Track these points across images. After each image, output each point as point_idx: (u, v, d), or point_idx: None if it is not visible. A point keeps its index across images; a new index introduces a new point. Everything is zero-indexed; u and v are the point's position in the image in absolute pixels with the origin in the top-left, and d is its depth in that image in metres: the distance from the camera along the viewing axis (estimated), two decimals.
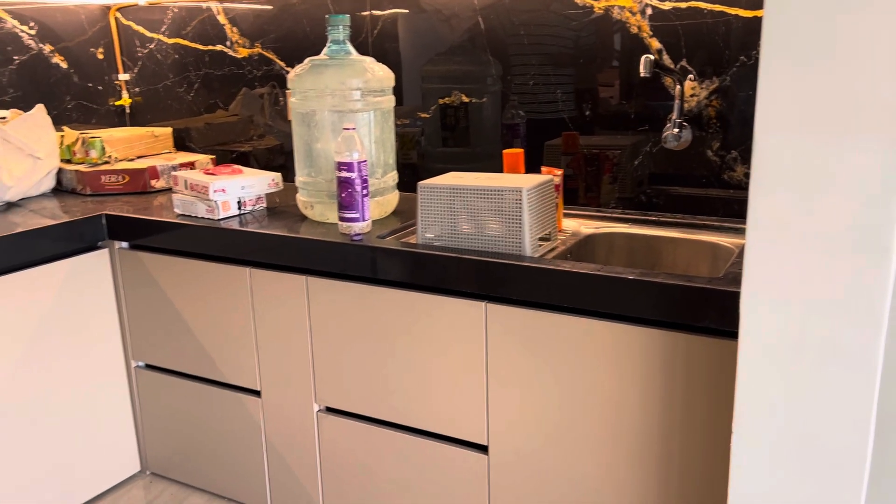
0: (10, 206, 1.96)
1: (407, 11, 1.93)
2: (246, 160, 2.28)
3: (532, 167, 1.83)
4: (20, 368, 1.70)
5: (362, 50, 2.00)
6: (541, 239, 1.49)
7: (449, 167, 1.97)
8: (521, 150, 1.67)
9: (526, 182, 1.46)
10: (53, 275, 1.76)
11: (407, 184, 2.01)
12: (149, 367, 1.94)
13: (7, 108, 2.09)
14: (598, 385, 1.34)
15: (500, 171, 1.83)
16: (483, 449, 1.51)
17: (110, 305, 1.90)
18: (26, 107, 2.17)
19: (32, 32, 2.18)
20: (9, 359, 1.68)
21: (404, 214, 1.77)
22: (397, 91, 1.98)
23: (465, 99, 1.91)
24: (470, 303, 1.43)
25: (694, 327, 1.24)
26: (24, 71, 2.18)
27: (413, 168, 2.02)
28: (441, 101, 1.94)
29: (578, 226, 1.72)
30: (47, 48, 2.23)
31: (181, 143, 2.38)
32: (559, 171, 1.66)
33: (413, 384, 1.54)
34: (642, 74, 1.53)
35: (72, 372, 1.82)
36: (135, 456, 2.01)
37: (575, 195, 1.83)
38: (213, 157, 2.26)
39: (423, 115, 1.98)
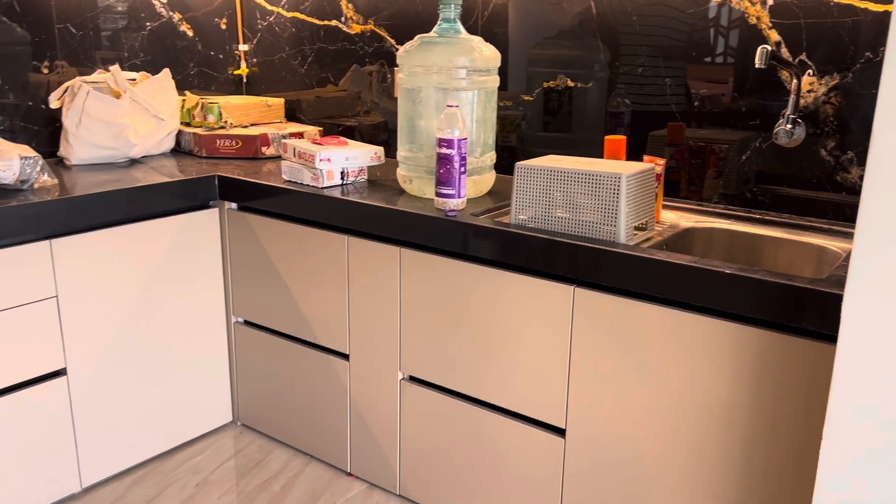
0: (134, 162, 2.10)
1: None
2: (351, 134, 2.35)
3: (634, 157, 1.80)
4: (131, 313, 1.83)
5: (472, 31, 2.02)
6: (637, 228, 1.47)
7: (548, 152, 1.96)
8: (623, 137, 1.65)
9: (625, 169, 1.44)
10: (168, 228, 1.88)
11: (505, 166, 2.02)
12: (247, 323, 2.05)
13: (137, 71, 2.23)
14: (683, 379, 1.32)
15: (601, 158, 1.81)
16: (560, 432, 1.51)
17: (216, 262, 2.01)
18: (154, 70, 2.31)
19: (164, 1, 2.32)
20: (122, 303, 1.81)
21: (499, 195, 1.78)
22: (503, 74, 1.99)
23: (570, 83, 1.90)
24: (558, 286, 1.44)
25: (790, 328, 1.20)
26: (155, 37, 2.32)
27: (512, 151, 2.03)
28: (545, 85, 1.94)
29: (678, 218, 1.68)
30: (176, 16, 2.36)
31: (292, 114, 2.48)
32: (661, 161, 1.63)
33: (495, 361, 1.56)
34: (757, 65, 1.47)
35: (177, 321, 1.94)
36: (228, 407, 2.13)
37: (677, 187, 1.79)
38: (321, 129, 2.34)
39: (526, 98, 1.98)
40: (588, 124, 1.89)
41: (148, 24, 2.29)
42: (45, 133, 2.10)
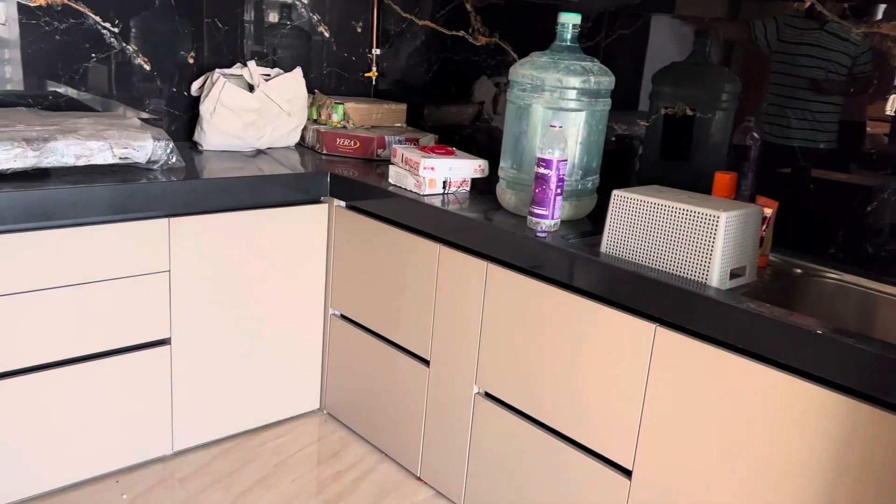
0: (259, 152, 2.23)
1: (651, 14, 1.87)
2: (467, 144, 2.37)
3: (763, 191, 1.69)
4: (236, 294, 1.94)
5: (593, 50, 1.98)
6: (733, 271, 1.39)
7: (662, 179, 1.89)
8: (733, 174, 1.56)
9: (727, 208, 1.36)
10: (279, 218, 1.97)
11: (610, 190, 1.96)
12: (343, 316, 2.12)
13: (273, 67, 2.37)
14: (761, 436, 1.23)
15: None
16: (626, 473, 1.45)
17: (321, 255, 2.09)
18: (288, 67, 2.44)
19: (305, 2, 2.45)
20: (229, 284, 1.92)
21: (601, 220, 1.74)
22: (623, 95, 1.94)
23: (689, 112, 1.82)
24: (640, 322, 1.38)
25: (883, 401, 1.09)
26: (293, 36, 2.45)
27: (624, 174, 1.97)
28: (664, 112, 1.87)
29: (787, 266, 1.57)
30: (316, 17, 2.48)
31: (413, 119, 2.54)
32: (774, 204, 1.53)
33: (569, 390, 1.52)
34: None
35: (278, 307, 2.03)
36: (316, 394, 2.21)
37: (792, 232, 1.66)
38: (437, 136, 2.38)
39: (642, 123, 1.92)
40: (707, 156, 1.80)
41: (288, 23, 2.43)
42: (184, 118, 2.27)
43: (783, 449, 1.20)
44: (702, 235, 1.35)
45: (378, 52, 2.64)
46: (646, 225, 1.43)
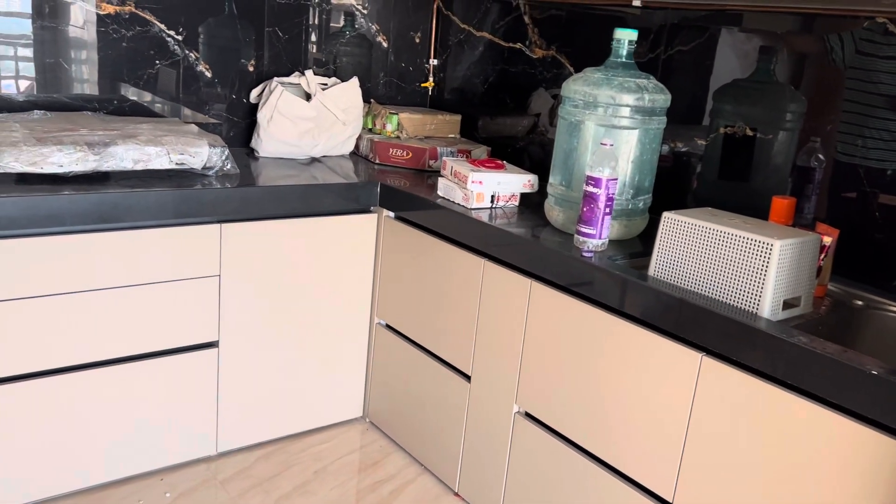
0: (313, 160, 2.25)
1: (716, 28, 1.82)
2: (520, 157, 2.35)
3: (832, 218, 1.62)
4: (284, 300, 1.97)
5: (652, 64, 1.93)
6: (786, 302, 1.33)
7: (719, 200, 1.83)
8: (792, 199, 1.50)
9: (783, 235, 1.30)
10: (329, 227, 1.99)
11: (665, 209, 1.91)
12: (388, 326, 2.12)
13: (331, 76, 2.39)
14: (809, 476, 1.17)
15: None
16: None
17: (369, 264, 2.10)
18: (346, 77, 2.46)
19: (365, 12, 2.47)
20: (277, 290, 1.95)
21: (651, 241, 1.69)
22: (682, 111, 1.88)
23: (750, 132, 1.75)
24: (685, 350, 1.34)
25: None
26: (352, 46, 2.47)
27: (680, 194, 1.92)
28: (722, 131, 1.81)
29: (847, 297, 1.50)
30: (375, 27, 2.50)
31: (466, 131, 2.53)
32: (834, 232, 1.46)
33: (610, 415, 1.48)
34: None
35: (324, 314, 2.05)
36: (359, 402, 2.22)
37: (855, 261, 1.58)
38: (489, 148, 2.36)
39: (700, 142, 1.86)
40: (767, 178, 1.74)
41: (348, 32, 2.45)
42: (243, 125, 2.32)
43: (830, 492, 1.14)
44: (754, 263, 1.30)
45: (435, 62, 2.64)
46: (696, 250, 1.38)
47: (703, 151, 1.85)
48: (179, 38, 2.13)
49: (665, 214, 1.43)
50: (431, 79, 2.66)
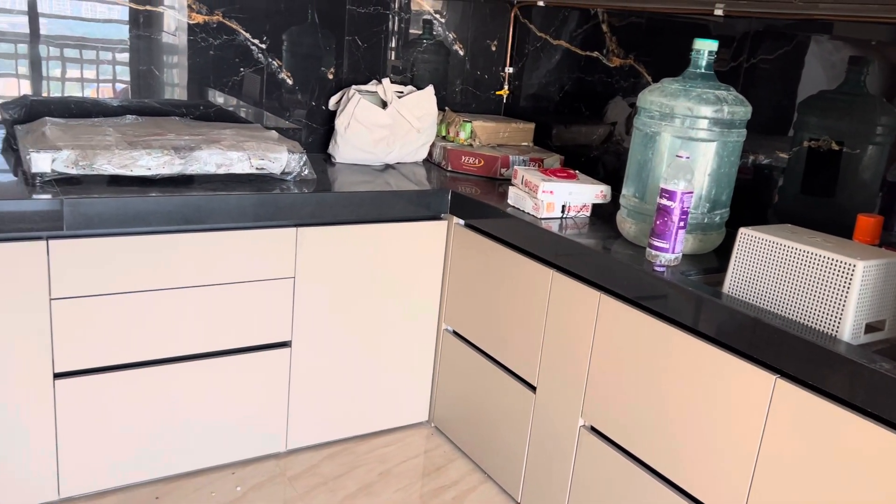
0: (388, 167, 2.29)
1: (803, 36, 1.76)
2: (594, 166, 2.33)
3: None
4: (354, 303, 2.01)
5: (734, 73, 1.88)
6: (869, 325, 1.27)
7: (801, 216, 1.76)
8: (879, 218, 1.43)
9: (867, 256, 1.25)
10: (400, 233, 2.02)
11: (744, 223, 1.86)
12: (455, 333, 2.13)
13: (407, 84, 2.43)
14: None
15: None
16: None
17: (437, 270, 2.12)
18: (422, 84, 2.49)
19: (443, 20, 2.49)
20: (348, 293, 1.99)
21: (728, 256, 1.65)
22: (764, 122, 1.83)
23: (836, 146, 1.68)
24: (759, 372, 1.29)
25: None
26: (429, 54, 2.50)
27: (760, 208, 1.86)
28: (806, 144, 1.74)
29: None
30: (451, 36, 2.53)
31: (540, 139, 2.52)
32: None
33: (677, 433, 1.45)
34: None
35: (393, 318, 2.08)
36: (425, 407, 2.24)
37: None
38: (562, 157, 2.35)
39: (782, 155, 1.80)
40: (854, 194, 1.66)
41: (425, 40, 2.48)
42: (321, 131, 2.38)
43: None
44: (835, 284, 1.25)
45: (511, 70, 2.64)
46: (774, 268, 1.34)
47: (786, 165, 1.79)
48: (263, 46, 2.20)
49: (742, 230, 1.39)
50: (506, 87, 2.67)
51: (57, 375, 1.65)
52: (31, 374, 1.62)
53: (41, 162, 1.61)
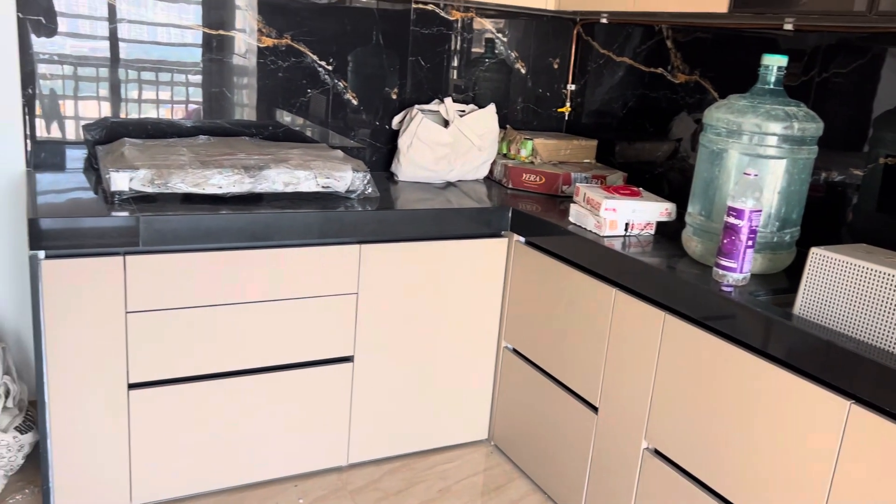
0: (449, 184, 2.31)
1: (880, 49, 1.70)
2: (658, 183, 2.29)
3: None
4: (416, 319, 2.02)
5: (804, 88, 1.83)
6: None
7: (876, 236, 1.70)
8: None
9: None
10: (461, 250, 2.03)
11: (817, 242, 1.80)
12: (514, 351, 2.13)
13: (468, 103, 2.45)
14: None
15: None
16: None
17: (498, 287, 2.12)
18: (484, 103, 2.51)
19: (504, 39, 2.51)
20: (410, 309, 2.01)
21: (799, 276, 1.60)
22: (836, 139, 1.77)
23: None
24: (832, 397, 1.25)
25: None
26: (491, 73, 2.52)
27: (833, 227, 1.80)
28: (883, 161, 1.68)
29: None
30: (514, 54, 2.54)
31: (603, 156, 2.50)
32: None
33: (745, 459, 1.41)
34: None
35: (454, 335, 2.09)
36: (485, 425, 2.23)
37: None
38: (626, 174, 2.32)
39: (856, 172, 1.74)
40: None
41: (487, 59, 2.50)
42: (385, 150, 2.42)
43: None
44: None
45: (573, 87, 2.64)
46: (847, 289, 1.29)
47: (861, 182, 1.73)
48: (329, 67, 2.26)
49: (813, 250, 1.35)
50: (568, 104, 2.66)
51: (131, 386, 1.72)
52: (107, 385, 1.68)
53: (120, 181, 1.69)
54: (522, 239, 2.07)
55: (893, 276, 1.23)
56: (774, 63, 1.56)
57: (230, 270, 1.75)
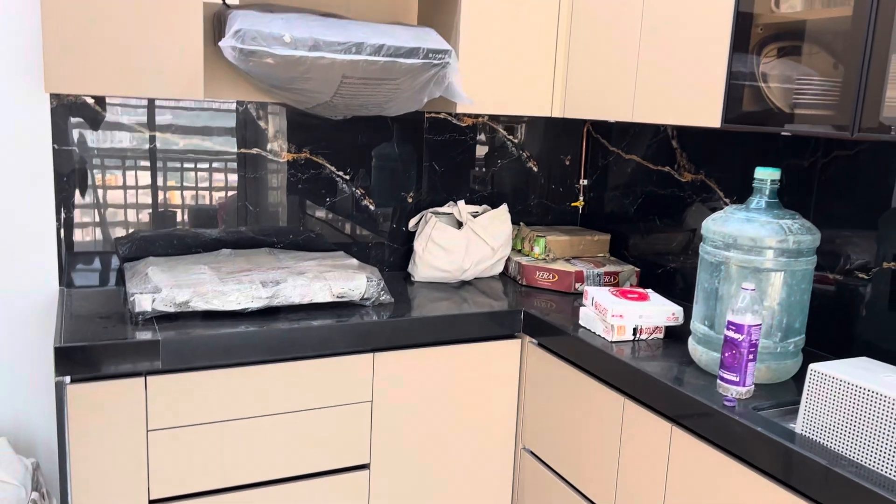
0: (464, 283, 2.36)
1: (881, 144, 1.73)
2: (671, 278, 2.31)
3: None
4: (431, 425, 2.05)
5: (805, 190, 1.86)
6: None
7: (884, 342, 1.69)
8: None
9: None
10: (475, 353, 2.07)
11: (825, 346, 1.80)
12: (532, 454, 2.13)
13: (482, 204, 2.52)
14: None
15: None
16: None
17: (513, 390, 2.14)
18: (497, 202, 2.58)
19: (516, 141, 2.60)
20: (424, 415, 2.03)
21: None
22: (840, 237, 1.79)
23: None
24: None
25: None
26: (504, 172, 2.60)
27: (842, 329, 1.79)
28: (885, 266, 1.69)
29: None
30: (525, 154, 2.62)
31: (616, 249, 2.54)
32: None
33: None
34: None
35: (470, 438, 2.11)
36: None
37: None
38: (638, 270, 2.35)
39: (860, 276, 1.74)
40: None
41: (500, 161, 2.58)
42: (401, 251, 2.49)
43: None
44: None
45: (585, 182, 2.70)
46: (847, 409, 1.29)
47: (870, 284, 1.73)
48: (347, 177, 2.36)
49: (812, 368, 1.36)
50: (581, 198, 2.72)
51: (152, 502, 1.77)
52: (129, 500, 1.74)
53: (143, 302, 1.78)
54: (535, 341, 2.10)
55: (887, 397, 1.23)
56: (768, 177, 1.60)
57: (247, 385, 1.81)
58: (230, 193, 2.22)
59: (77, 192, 2.06)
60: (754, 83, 1.62)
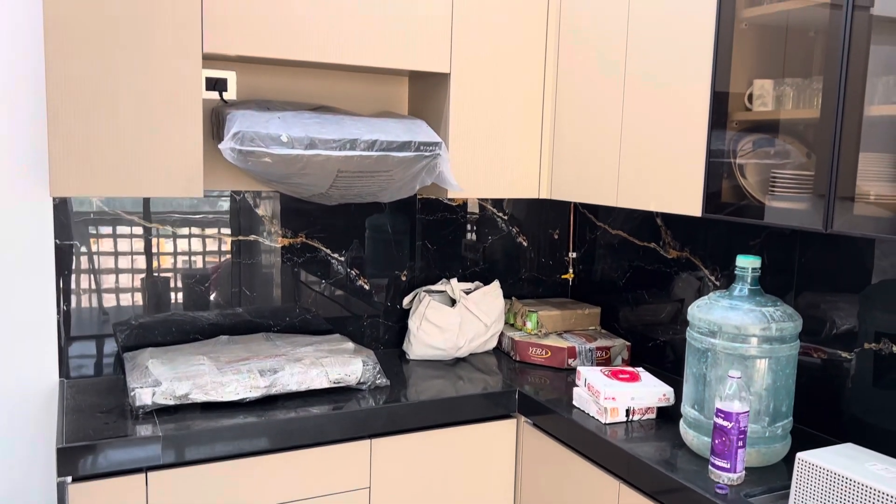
0: (459, 360, 2.40)
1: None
2: (661, 352, 2.36)
3: None
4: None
5: (784, 277, 1.92)
6: None
7: (870, 424, 1.73)
8: None
9: None
10: (470, 435, 2.09)
11: (815, 425, 1.84)
12: None
13: (474, 279, 2.58)
14: None
15: None
16: None
17: (510, 470, 2.16)
18: (489, 278, 2.64)
19: (505, 217, 2.67)
20: (425, 498, 2.05)
21: None
22: (825, 318, 1.84)
23: (895, 351, 1.68)
24: None
25: None
26: (494, 248, 2.67)
27: (831, 408, 1.84)
28: (867, 346, 1.74)
29: None
30: (515, 230, 2.69)
31: (607, 321, 2.59)
32: None
33: None
34: None
35: None
36: None
37: None
38: (629, 344, 2.40)
39: (844, 355, 1.80)
40: None
41: (490, 238, 2.65)
42: (396, 328, 2.53)
43: None
44: None
45: (574, 255, 2.76)
46: (836, 499, 1.33)
47: (854, 364, 1.78)
48: (342, 259, 2.42)
49: (799, 458, 1.40)
50: (571, 270, 2.78)
51: None
52: None
53: (144, 396, 1.81)
54: (531, 421, 2.13)
55: (870, 489, 1.27)
56: (749, 265, 1.66)
57: (247, 476, 1.83)
58: (226, 278, 2.27)
59: (75, 284, 2.10)
60: (732, 177, 1.69)
